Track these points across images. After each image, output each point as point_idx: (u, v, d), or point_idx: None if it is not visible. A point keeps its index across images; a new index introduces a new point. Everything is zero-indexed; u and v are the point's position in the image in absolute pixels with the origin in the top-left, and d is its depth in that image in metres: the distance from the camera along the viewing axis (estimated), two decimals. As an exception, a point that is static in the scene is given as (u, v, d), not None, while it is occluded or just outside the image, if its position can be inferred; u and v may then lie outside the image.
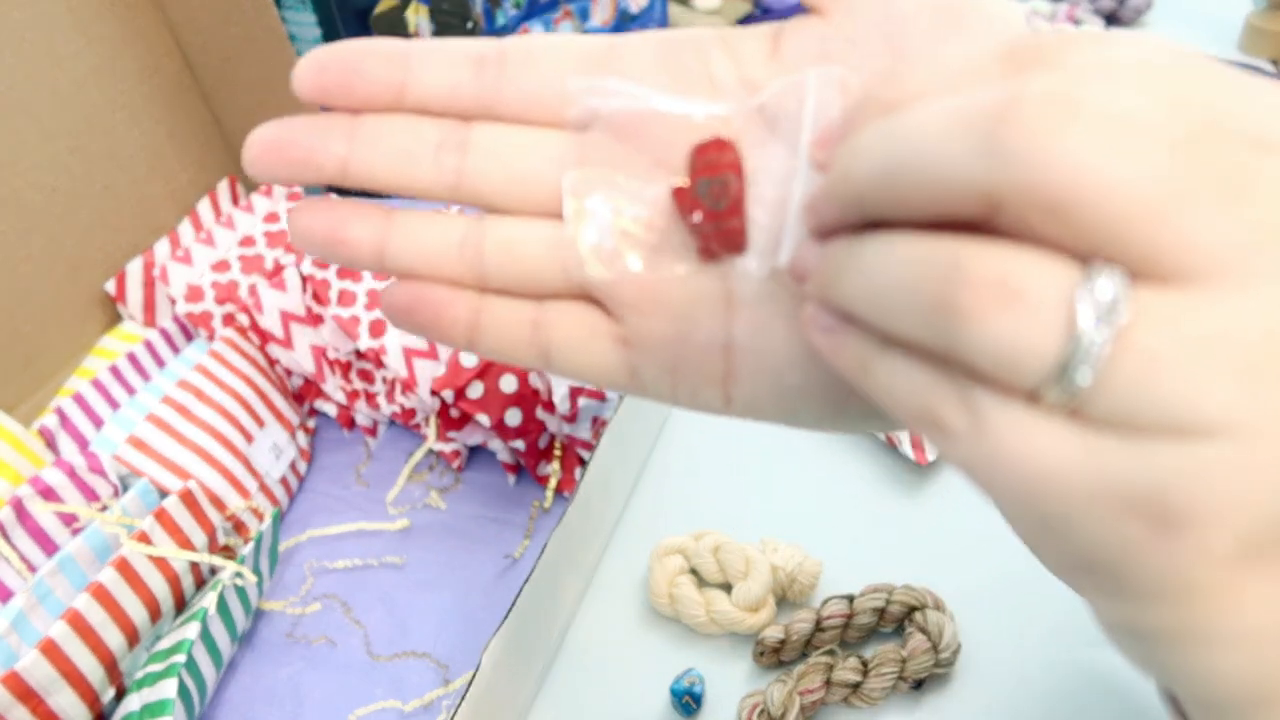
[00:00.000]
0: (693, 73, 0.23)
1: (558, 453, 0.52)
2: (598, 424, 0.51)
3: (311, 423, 0.58)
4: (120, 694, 0.41)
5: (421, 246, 0.23)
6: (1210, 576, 0.14)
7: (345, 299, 0.53)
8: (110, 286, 0.59)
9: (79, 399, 0.51)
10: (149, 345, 0.56)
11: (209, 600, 0.42)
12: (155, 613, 0.42)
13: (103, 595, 0.39)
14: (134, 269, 0.60)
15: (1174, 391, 0.14)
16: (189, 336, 0.58)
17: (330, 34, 0.63)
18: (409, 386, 0.52)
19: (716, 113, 0.22)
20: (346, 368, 0.55)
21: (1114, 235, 0.14)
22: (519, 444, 0.50)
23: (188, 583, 0.44)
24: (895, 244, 0.17)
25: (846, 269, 0.18)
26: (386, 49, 0.22)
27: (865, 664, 0.41)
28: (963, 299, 0.15)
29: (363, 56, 0.22)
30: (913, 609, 0.43)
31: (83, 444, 0.50)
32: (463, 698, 0.35)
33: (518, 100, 0.23)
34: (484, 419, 0.48)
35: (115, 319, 0.61)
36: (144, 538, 0.42)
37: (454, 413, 0.51)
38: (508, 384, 0.49)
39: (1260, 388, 0.14)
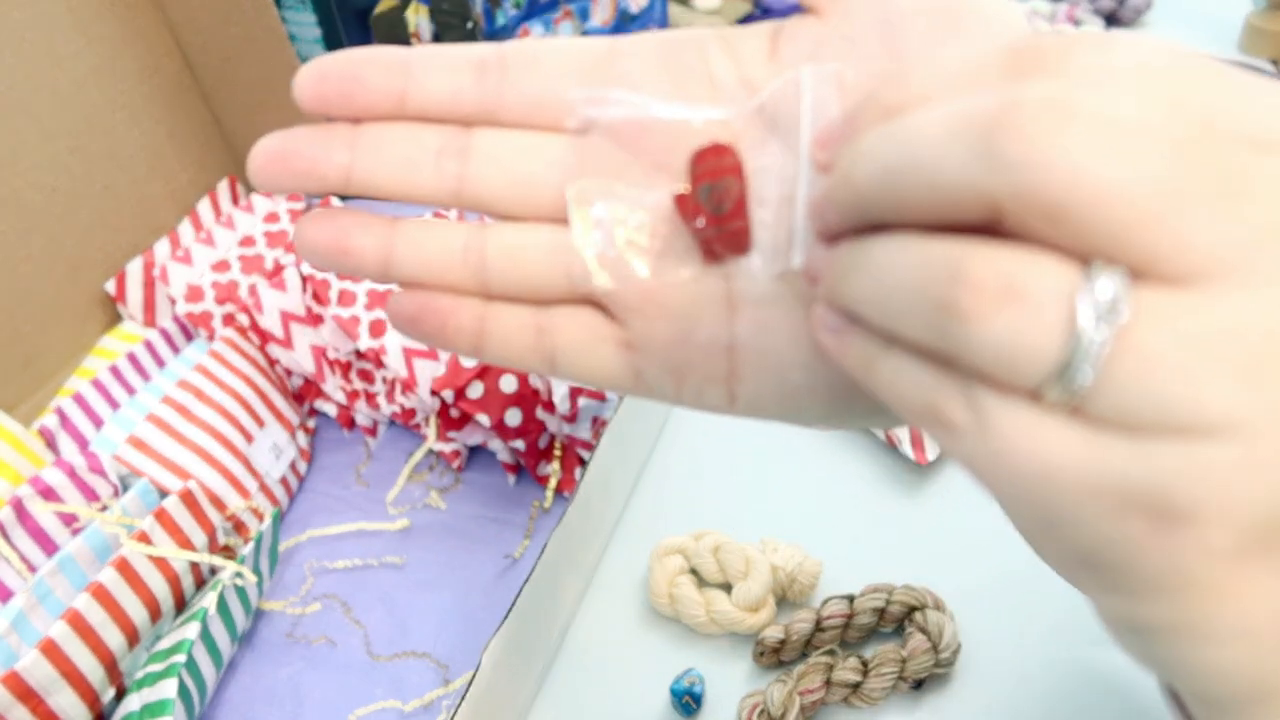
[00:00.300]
0: (693, 73, 0.23)
1: (558, 453, 0.52)
2: (598, 424, 0.51)
3: (311, 423, 0.58)
4: (120, 694, 0.41)
5: (425, 255, 0.23)
6: (1210, 572, 0.14)
7: (345, 299, 0.53)
8: (110, 286, 0.59)
9: (79, 399, 0.51)
10: (149, 345, 0.56)
11: (209, 600, 0.42)
12: (155, 613, 0.42)
13: (103, 595, 0.39)
14: (134, 269, 0.60)
15: (1174, 391, 0.14)
16: (189, 336, 0.58)
17: (330, 34, 0.63)
18: (409, 386, 0.52)
19: (715, 117, 0.23)
20: (346, 368, 0.55)
21: (1113, 238, 0.14)
22: (519, 444, 0.50)
23: (188, 583, 0.44)
24: (897, 247, 0.17)
25: (851, 272, 0.18)
26: (387, 57, 0.22)
27: (865, 664, 0.41)
28: (964, 300, 0.15)
29: (363, 65, 0.22)
30: (913, 609, 0.43)
31: (83, 444, 0.50)
32: (463, 698, 0.35)
33: (519, 105, 0.23)
34: (484, 419, 0.48)
35: (115, 319, 0.61)
36: (144, 538, 0.42)
37: (454, 413, 0.51)
38: (508, 384, 0.49)
39: (1260, 386, 0.14)
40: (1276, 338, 0.14)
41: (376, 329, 0.52)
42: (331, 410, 0.57)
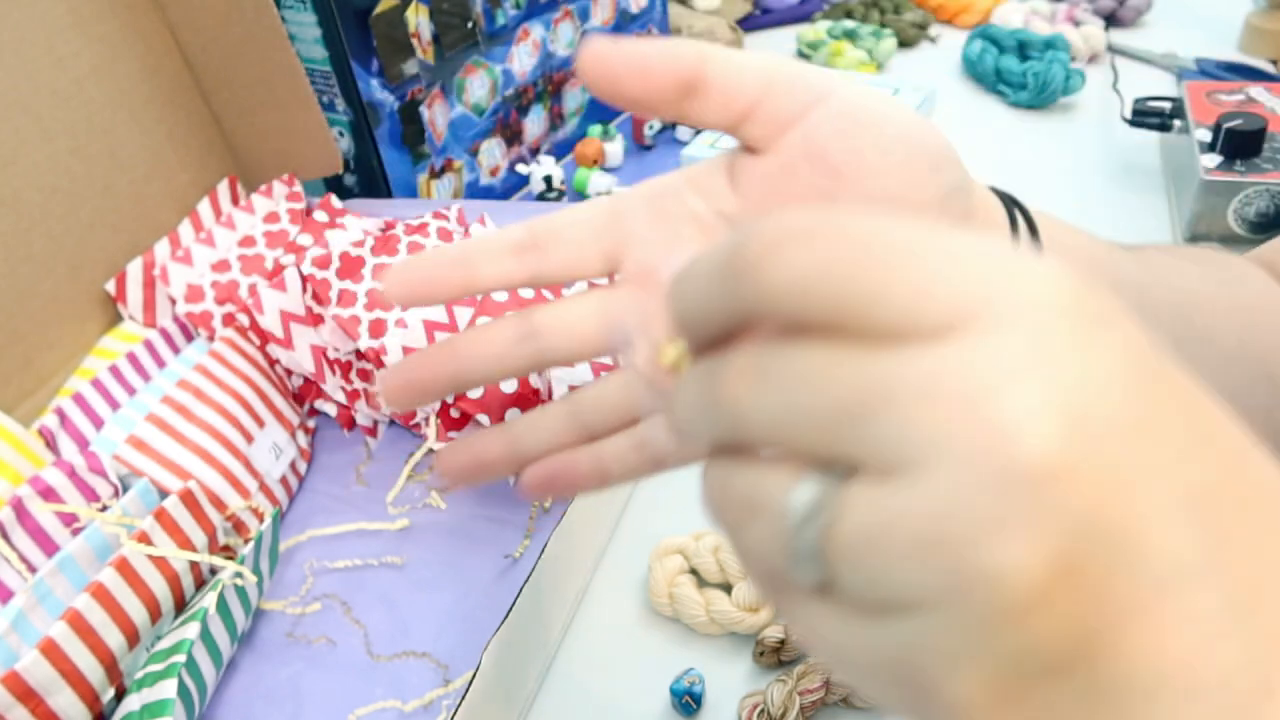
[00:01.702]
0: (679, 215, 0.28)
1: (558, 453, 0.52)
2: (598, 424, 0.51)
3: (311, 423, 0.58)
4: (120, 694, 0.41)
5: (542, 434, 0.30)
6: None
7: (345, 299, 0.53)
8: (110, 286, 0.59)
9: (79, 399, 0.51)
10: (149, 345, 0.56)
11: (209, 600, 0.42)
12: (155, 613, 0.42)
13: (103, 595, 0.39)
14: (134, 269, 0.60)
15: (879, 574, 0.15)
16: (189, 336, 0.58)
17: (330, 34, 0.63)
18: (409, 386, 0.52)
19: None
20: (347, 368, 0.55)
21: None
22: (519, 444, 0.50)
23: (188, 583, 0.44)
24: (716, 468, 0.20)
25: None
26: (451, 256, 0.28)
27: (865, 664, 0.41)
28: (727, 518, 0.18)
29: (435, 267, 0.28)
30: (913, 609, 0.43)
31: (83, 444, 0.50)
32: (463, 698, 0.35)
33: (556, 270, 0.29)
34: (484, 419, 0.48)
35: (115, 319, 0.61)
36: (144, 538, 0.42)
37: (454, 413, 0.51)
38: (508, 384, 0.49)
39: (937, 561, 0.14)
40: (940, 519, 0.14)
41: (376, 329, 0.52)
42: (331, 410, 0.57)
